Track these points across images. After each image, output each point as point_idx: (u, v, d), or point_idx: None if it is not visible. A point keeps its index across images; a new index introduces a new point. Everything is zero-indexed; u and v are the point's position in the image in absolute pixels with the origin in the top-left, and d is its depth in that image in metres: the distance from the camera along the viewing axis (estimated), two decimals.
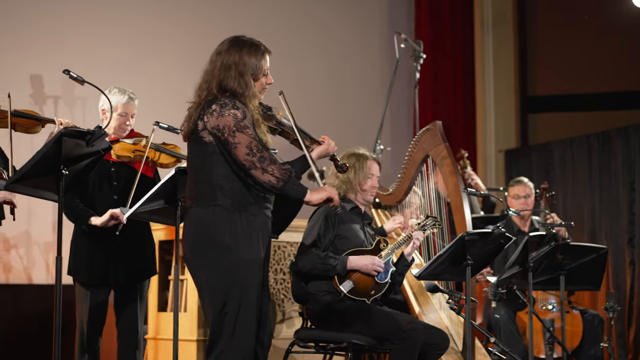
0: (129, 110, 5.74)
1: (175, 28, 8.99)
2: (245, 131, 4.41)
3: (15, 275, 8.04)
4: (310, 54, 9.58)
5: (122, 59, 8.61)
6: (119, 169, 5.69)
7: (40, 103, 8.14)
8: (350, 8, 10.13)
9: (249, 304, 4.44)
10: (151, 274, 5.85)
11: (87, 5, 8.53)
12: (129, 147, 5.65)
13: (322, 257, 5.47)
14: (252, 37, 4.66)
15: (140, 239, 5.77)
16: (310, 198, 4.53)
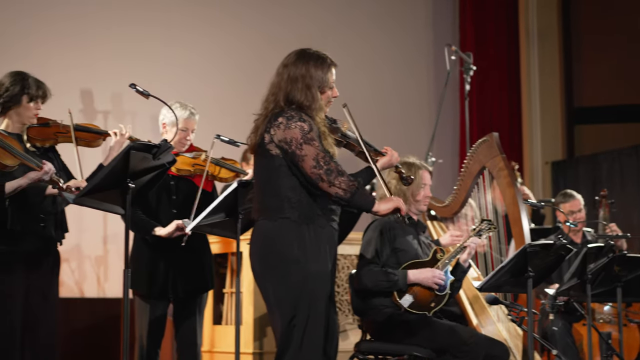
0: (189, 125, 5.77)
1: (230, 39, 9.03)
2: (312, 143, 4.42)
3: (67, 289, 8.08)
4: (357, 68, 9.58)
5: (177, 71, 8.65)
6: (178, 183, 5.72)
7: (91, 118, 8.20)
8: (394, 22, 10.14)
9: (317, 316, 4.44)
10: (209, 287, 5.86)
11: (137, 22, 8.58)
12: (188, 161, 5.68)
13: (383, 274, 5.45)
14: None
15: (199, 253, 5.79)
16: (378, 208, 4.51)
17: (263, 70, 4.87)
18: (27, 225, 5.26)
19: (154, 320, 5.68)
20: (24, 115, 5.34)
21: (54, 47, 8.01)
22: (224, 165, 5.73)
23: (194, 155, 5.72)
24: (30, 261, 5.28)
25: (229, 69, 8.91)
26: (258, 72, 4.82)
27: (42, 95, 5.40)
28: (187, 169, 5.66)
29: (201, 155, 5.71)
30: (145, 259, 5.67)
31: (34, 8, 7.96)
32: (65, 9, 8.17)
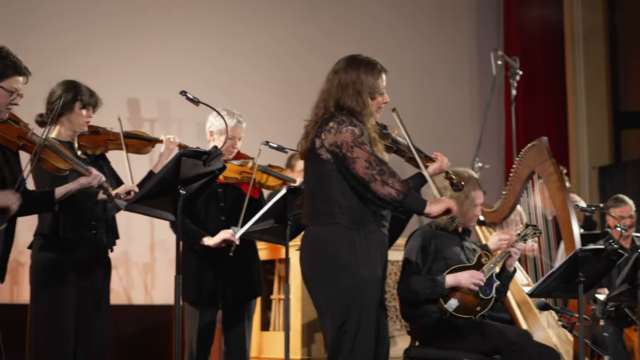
0: (236, 133, 5.81)
1: (277, 47, 9.05)
2: (363, 147, 4.40)
3: (115, 296, 8.11)
4: (402, 75, 9.55)
5: (225, 79, 8.68)
6: (226, 190, 5.76)
7: (138, 126, 8.24)
8: (439, 29, 10.11)
9: (368, 321, 4.43)
10: (257, 294, 5.88)
11: (183, 29, 8.63)
12: (236, 168, 5.70)
13: (425, 280, 5.43)
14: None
15: (248, 259, 5.82)
16: (430, 210, 4.48)
17: (308, 79, 4.88)
18: (79, 232, 5.32)
19: (203, 327, 5.71)
20: (76, 123, 5.41)
21: (101, 56, 8.07)
22: (271, 172, 5.75)
23: (241, 163, 5.74)
24: (82, 269, 5.33)
25: (276, 77, 8.93)
26: (304, 81, 4.83)
27: (94, 103, 5.48)
28: (235, 177, 5.69)
29: (248, 163, 5.74)
30: (194, 266, 5.71)
31: (83, 20, 8.03)
32: (112, 21, 8.23)
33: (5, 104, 4.51)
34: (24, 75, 4.54)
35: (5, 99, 4.50)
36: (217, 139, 5.80)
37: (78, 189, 4.85)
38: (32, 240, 5.39)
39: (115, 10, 8.28)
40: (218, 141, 5.78)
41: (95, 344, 5.40)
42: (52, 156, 4.69)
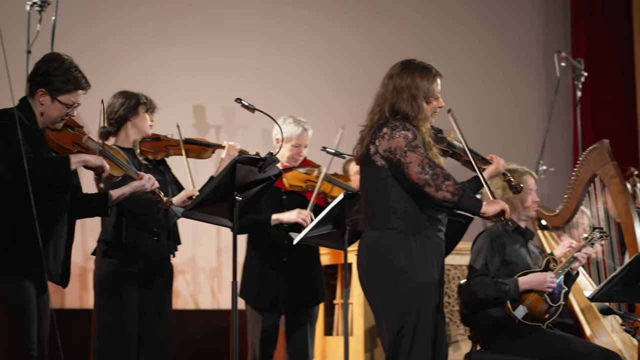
0: (302, 141, 5.85)
1: (343, 52, 9.06)
2: (416, 150, 4.41)
3: (182, 301, 8.21)
4: (465, 76, 9.52)
5: (291, 83, 8.73)
6: (290, 197, 5.80)
7: (203, 133, 8.32)
8: (505, 28, 10.03)
9: (425, 326, 4.43)
10: (320, 300, 5.91)
11: (246, 36, 8.69)
12: (301, 176, 5.74)
13: (494, 284, 5.41)
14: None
15: (310, 265, 5.85)
16: (485, 210, 4.46)
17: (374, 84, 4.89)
18: (141, 239, 5.39)
19: (265, 331, 5.76)
20: (141, 126, 5.50)
21: (167, 64, 8.16)
22: (336, 182, 5.76)
23: (306, 171, 5.77)
24: (145, 275, 5.40)
25: (342, 82, 8.94)
26: (369, 86, 4.83)
27: (154, 108, 5.58)
28: (299, 185, 5.73)
29: (314, 172, 5.76)
30: (256, 271, 5.77)
31: (144, 30, 8.12)
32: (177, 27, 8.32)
33: (61, 116, 4.61)
34: (84, 89, 4.64)
35: (61, 112, 4.59)
36: (283, 146, 5.85)
37: (131, 192, 4.92)
38: (96, 246, 5.48)
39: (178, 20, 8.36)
40: (284, 149, 5.83)
41: (158, 349, 5.47)
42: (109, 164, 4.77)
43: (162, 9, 8.24)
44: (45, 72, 4.58)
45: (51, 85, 4.56)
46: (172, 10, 8.31)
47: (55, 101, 4.56)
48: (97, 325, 5.38)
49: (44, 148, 4.57)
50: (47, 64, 4.61)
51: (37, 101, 4.58)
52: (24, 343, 4.40)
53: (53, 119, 4.60)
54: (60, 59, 4.63)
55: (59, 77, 4.56)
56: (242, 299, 5.81)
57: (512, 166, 5.77)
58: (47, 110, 4.58)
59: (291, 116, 5.89)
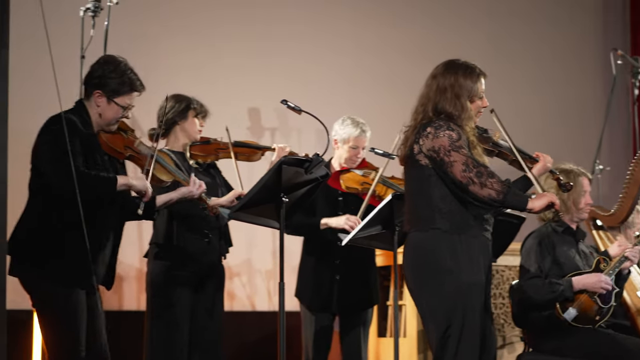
0: (360, 143, 5.85)
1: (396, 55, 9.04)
2: (460, 150, 4.39)
3: (238, 303, 8.26)
4: (521, 74, 9.44)
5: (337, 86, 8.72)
6: (346, 199, 5.80)
7: (258, 135, 8.36)
8: (564, 25, 9.92)
9: (472, 327, 4.40)
10: (374, 302, 5.90)
11: (299, 36, 8.70)
12: (358, 178, 5.73)
13: (548, 285, 5.36)
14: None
15: (365, 267, 5.85)
16: (532, 205, 4.42)
17: None
18: (192, 240, 5.43)
19: (319, 332, 5.77)
20: (190, 131, 5.54)
21: (221, 68, 8.21)
22: (392, 185, 5.74)
23: (363, 173, 5.76)
24: (196, 277, 5.44)
25: (395, 84, 8.91)
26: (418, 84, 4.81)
27: (205, 113, 5.61)
28: (355, 187, 5.72)
29: (371, 174, 5.75)
30: (311, 272, 5.78)
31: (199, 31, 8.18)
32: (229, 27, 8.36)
33: (117, 118, 4.68)
34: (139, 91, 4.72)
35: (117, 113, 4.68)
36: (341, 147, 5.86)
37: (179, 197, 4.97)
38: (148, 249, 5.54)
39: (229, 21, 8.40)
40: (342, 150, 5.85)
41: (209, 351, 5.51)
42: (156, 169, 4.82)
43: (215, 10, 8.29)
44: (101, 75, 4.66)
45: (107, 87, 4.64)
46: (224, 10, 8.35)
47: (111, 103, 4.65)
48: (149, 326, 5.45)
49: (98, 152, 4.65)
50: (103, 67, 4.69)
51: (94, 103, 4.67)
52: (75, 346, 4.48)
53: (109, 121, 4.67)
54: (116, 61, 4.71)
55: (115, 79, 4.64)
56: (297, 299, 5.85)
57: (567, 166, 5.72)
58: (103, 112, 4.66)
59: (350, 117, 5.90)
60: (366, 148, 5.89)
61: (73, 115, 4.60)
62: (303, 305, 5.89)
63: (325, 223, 5.68)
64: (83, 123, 4.60)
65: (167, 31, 7.97)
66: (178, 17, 8.09)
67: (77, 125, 4.54)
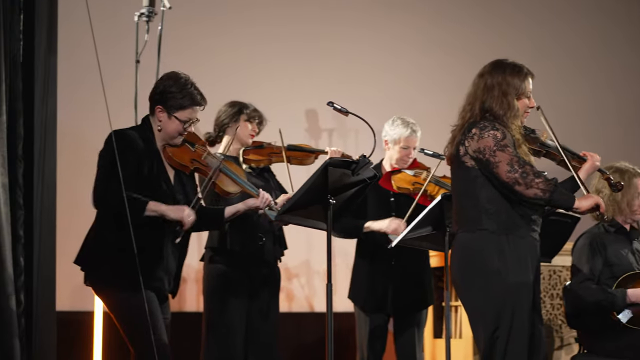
0: (411, 143, 5.84)
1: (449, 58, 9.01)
2: (505, 150, 4.37)
3: (297, 304, 8.29)
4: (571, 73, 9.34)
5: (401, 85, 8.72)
6: (398, 200, 5.79)
7: (316, 137, 8.38)
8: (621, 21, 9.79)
9: (520, 328, 4.38)
10: (428, 303, 5.88)
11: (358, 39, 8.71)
12: (409, 178, 5.72)
13: (601, 292, 5.31)
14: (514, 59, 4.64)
15: (419, 267, 5.84)
16: (579, 205, 4.38)
17: None
18: (246, 244, 5.47)
19: (373, 333, 5.78)
20: (242, 134, 5.59)
21: (280, 71, 8.25)
22: (444, 185, 5.73)
23: (415, 173, 5.75)
24: (250, 280, 5.48)
25: (450, 85, 8.87)
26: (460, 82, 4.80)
27: (259, 119, 5.63)
28: (407, 187, 5.71)
29: (422, 174, 5.74)
30: (364, 273, 5.79)
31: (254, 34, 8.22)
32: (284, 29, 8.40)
33: (179, 132, 4.72)
34: (200, 105, 4.75)
35: (178, 128, 4.71)
36: (391, 148, 5.86)
37: (246, 210, 4.98)
38: (204, 253, 5.59)
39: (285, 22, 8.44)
40: (393, 151, 5.85)
41: (265, 354, 5.54)
42: (224, 181, 4.86)
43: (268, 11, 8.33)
44: (162, 90, 4.71)
45: (168, 102, 4.68)
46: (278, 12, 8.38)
47: (172, 117, 4.68)
48: (205, 329, 5.50)
49: (159, 169, 4.69)
50: (165, 82, 4.74)
51: (156, 118, 4.72)
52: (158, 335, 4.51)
53: (170, 135, 4.71)
54: (177, 77, 4.75)
55: (176, 94, 4.67)
56: (349, 299, 5.86)
57: (622, 165, 5.65)
58: (164, 127, 4.70)
59: (400, 117, 5.90)
60: (417, 148, 5.87)
61: (136, 131, 4.69)
62: (357, 307, 5.90)
63: (368, 226, 5.68)
64: (144, 139, 4.66)
65: (221, 33, 8.02)
66: (231, 20, 8.14)
67: (135, 141, 4.61)
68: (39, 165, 4.75)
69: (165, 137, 4.71)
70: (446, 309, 5.29)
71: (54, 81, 4.26)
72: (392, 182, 5.72)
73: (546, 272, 6.67)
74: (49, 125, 4.61)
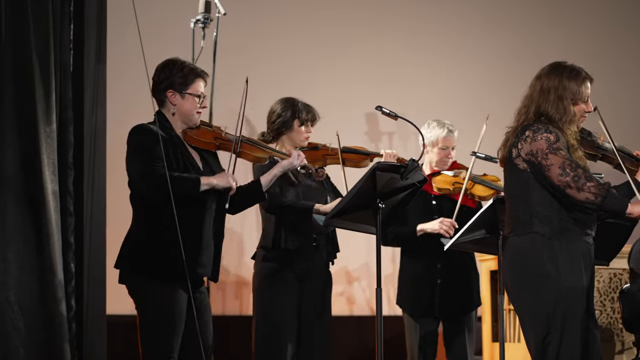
0: (449, 143, 5.80)
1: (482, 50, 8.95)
2: (558, 153, 4.32)
3: (358, 307, 8.28)
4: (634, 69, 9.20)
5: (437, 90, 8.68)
6: (440, 202, 5.75)
7: (376, 140, 8.37)
8: None
9: (573, 333, 4.32)
10: (475, 305, 5.83)
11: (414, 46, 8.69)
12: (449, 179, 5.69)
13: None
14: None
15: (466, 270, 5.79)
16: (632, 210, 4.31)
17: None
18: (299, 244, 5.47)
19: (423, 338, 5.73)
20: (296, 139, 5.58)
21: (338, 74, 8.25)
22: (483, 182, 5.69)
23: (454, 174, 5.72)
24: (302, 281, 5.47)
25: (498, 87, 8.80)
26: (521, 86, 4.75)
27: (312, 119, 5.63)
28: (447, 188, 5.68)
29: (462, 173, 5.71)
30: (411, 278, 5.75)
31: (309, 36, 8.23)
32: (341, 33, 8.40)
33: (195, 109, 4.81)
34: (203, 77, 4.85)
35: (194, 104, 4.80)
36: (430, 151, 5.83)
37: (281, 171, 5.02)
38: (255, 251, 5.59)
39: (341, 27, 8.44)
40: (432, 153, 5.82)
41: (318, 353, 5.53)
42: (250, 148, 4.92)
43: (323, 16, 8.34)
44: (165, 77, 4.80)
45: (175, 83, 4.78)
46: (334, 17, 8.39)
47: (185, 95, 4.77)
48: (256, 327, 5.48)
49: (183, 153, 4.77)
50: (164, 69, 4.83)
51: (169, 105, 4.81)
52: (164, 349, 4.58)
53: (188, 115, 4.80)
54: (172, 60, 4.87)
55: (178, 73, 4.78)
56: (397, 305, 5.82)
57: None
58: (180, 108, 4.79)
59: (435, 120, 5.86)
60: (455, 148, 5.83)
61: (151, 125, 4.76)
62: (405, 312, 5.86)
63: (422, 229, 5.65)
64: (162, 128, 4.74)
65: (277, 37, 8.06)
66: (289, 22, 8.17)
67: (155, 131, 4.69)
68: (88, 173, 4.84)
69: (184, 118, 4.81)
70: (499, 313, 5.25)
71: (104, 90, 4.33)
72: (433, 185, 5.69)
73: (606, 276, 6.58)
74: (98, 133, 4.69)
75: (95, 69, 4.70)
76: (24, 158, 5.00)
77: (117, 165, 5.18)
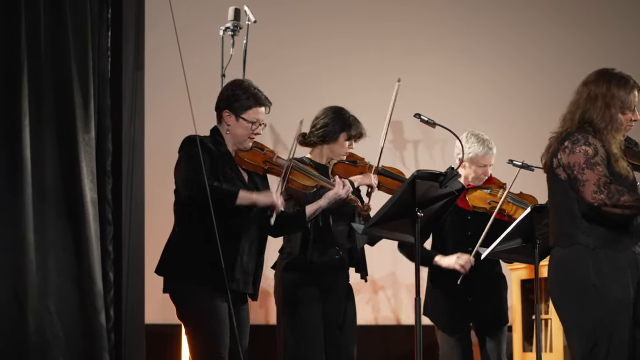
0: (487, 161, 5.68)
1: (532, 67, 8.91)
2: (594, 168, 4.26)
3: (383, 316, 8.24)
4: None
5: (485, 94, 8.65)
6: (475, 218, 5.67)
7: (401, 148, 8.34)
8: None
9: (620, 345, 4.26)
10: (505, 322, 5.77)
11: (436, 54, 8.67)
12: (485, 196, 5.61)
13: None
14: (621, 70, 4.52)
15: (497, 283, 5.75)
16: None
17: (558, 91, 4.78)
18: (323, 255, 5.40)
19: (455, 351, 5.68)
20: (337, 152, 5.47)
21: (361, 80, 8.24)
22: (520, 203, 5.59)
23: (491, 191, 5.63)
24: (326, 292, 5.41)
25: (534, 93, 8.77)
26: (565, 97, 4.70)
27: (359, 136, 5.53)
28: (483, 206, 5.60)
29: (498, 192, 5.62)
30: (442, 290, 5.70)
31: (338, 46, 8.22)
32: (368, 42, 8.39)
33: (248, 135, 4.79)
34: (265, 105, 4.82)
35: (247, 130, 4.81)
36: (467, 167, 5.74)
37: (328, 203, 4.99)
38: (276, 260, 5.53)
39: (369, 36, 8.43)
40: (468, 168, 5.73)
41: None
42: (298, 176, 4.92)
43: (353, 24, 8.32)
44: (227, 96, 4.84)
45: (234, 105, 4.80)
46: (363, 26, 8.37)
47: (239, 119, 4.80)
48: (280, 338, 5.42)
49: (233, 170, 4.79)
50: (228, 88, 4.88)
51: (224, 124, 4.83)
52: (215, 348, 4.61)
53: (240, 138, 4.83)
54: (240, 81, 4.92)
55: (241, 96, 4.80)
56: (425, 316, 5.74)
57: None
58: (233, 130, 4.82)
59: (474, 134, 5.71)
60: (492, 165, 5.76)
61: (206, 138, 4.80)
62: (436, 326, 5.81)
63: (437, 262, 5.60)
64: (215, 143, 4.79)
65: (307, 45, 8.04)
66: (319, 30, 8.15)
67: (207, 145, 4.72)
68: (127, 181, 4.82)
69: (235, 141, 4.84)
70: (536, 322, 5.19)
71: (142, 97, 4.31)
72: (468, 200, 5.62)
73: None
74: (137, 141, 4.67)
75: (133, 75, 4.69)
76: (63, 166, 5.00)
77: (155, 173, 5.16)
